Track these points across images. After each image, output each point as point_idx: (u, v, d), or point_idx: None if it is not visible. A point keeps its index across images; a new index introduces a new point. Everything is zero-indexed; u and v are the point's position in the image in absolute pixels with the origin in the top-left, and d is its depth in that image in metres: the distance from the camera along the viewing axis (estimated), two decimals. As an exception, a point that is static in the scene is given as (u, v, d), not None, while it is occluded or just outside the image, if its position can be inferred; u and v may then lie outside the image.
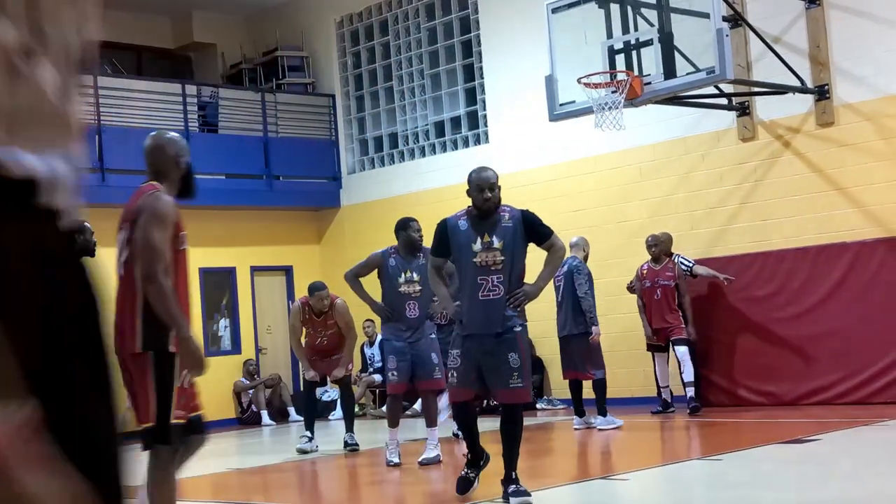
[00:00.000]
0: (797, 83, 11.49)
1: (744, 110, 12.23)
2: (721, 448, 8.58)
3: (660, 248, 11.67)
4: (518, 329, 6.45)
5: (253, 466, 10.13)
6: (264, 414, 15.02)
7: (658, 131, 12.88)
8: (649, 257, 11.77)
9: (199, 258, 15.56)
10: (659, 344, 11.62)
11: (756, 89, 11.90)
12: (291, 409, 15.37)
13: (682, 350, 11.33)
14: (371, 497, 8.33)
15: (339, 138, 16.87)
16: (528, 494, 6.34)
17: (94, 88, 14.48)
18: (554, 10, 11.13)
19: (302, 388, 11.92)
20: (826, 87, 11.56)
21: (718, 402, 11.83)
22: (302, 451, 10.28)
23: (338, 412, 15.33)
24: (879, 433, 8.95)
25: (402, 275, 8.92)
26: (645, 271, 11.71)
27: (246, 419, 15.22)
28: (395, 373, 8.88)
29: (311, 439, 10.40)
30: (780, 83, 11.50)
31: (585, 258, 10.84)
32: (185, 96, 15.46)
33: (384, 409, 14.71)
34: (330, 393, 16.19)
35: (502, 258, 6.45)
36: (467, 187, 6.67)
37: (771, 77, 11.64)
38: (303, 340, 10.80)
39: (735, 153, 12.36)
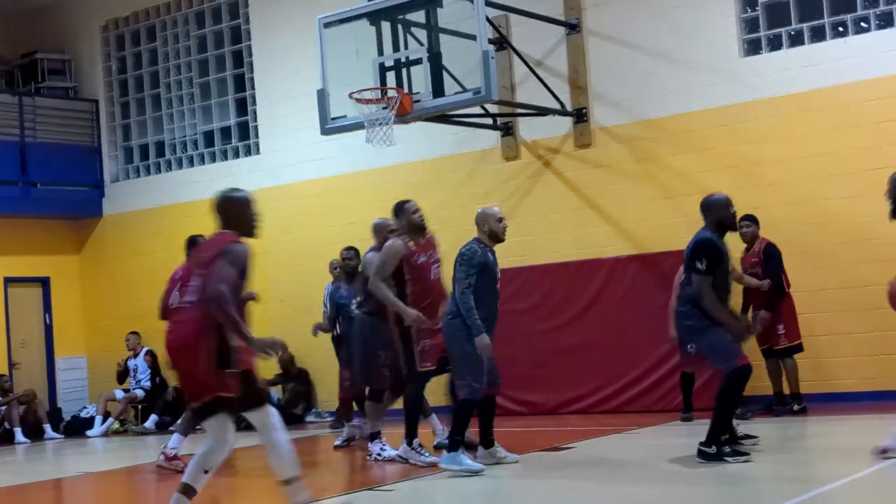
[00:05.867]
0: (557, 106, 12.00)
1: (508, 130, 12.66)
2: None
3: None
4: None
5: (9, 486, 9.64)
6: (17, 431, 14.31)
7: (427, 148, 13.14)
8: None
9: (-53, 268, 14.73)
10: None
11: (519, 111, 12.34)
12: (47, 427, 14.70)
13: None
14: None
15: (101, 145, 16.33)
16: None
17: None
18: (326, 25, 11.18)
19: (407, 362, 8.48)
20: (584, 110, 12.13)
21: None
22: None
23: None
24: (630, 440, 9.42)
25: None
26: None
27: (-3, 437, 14.45)
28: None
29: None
30: (542, 105, 11.98)
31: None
32: (-66, 96, 14.60)
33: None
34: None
35: None
36: (713, 206, 7.34)
37: (533, 99, 12.10)
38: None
39: (499, 171, 12.76)
